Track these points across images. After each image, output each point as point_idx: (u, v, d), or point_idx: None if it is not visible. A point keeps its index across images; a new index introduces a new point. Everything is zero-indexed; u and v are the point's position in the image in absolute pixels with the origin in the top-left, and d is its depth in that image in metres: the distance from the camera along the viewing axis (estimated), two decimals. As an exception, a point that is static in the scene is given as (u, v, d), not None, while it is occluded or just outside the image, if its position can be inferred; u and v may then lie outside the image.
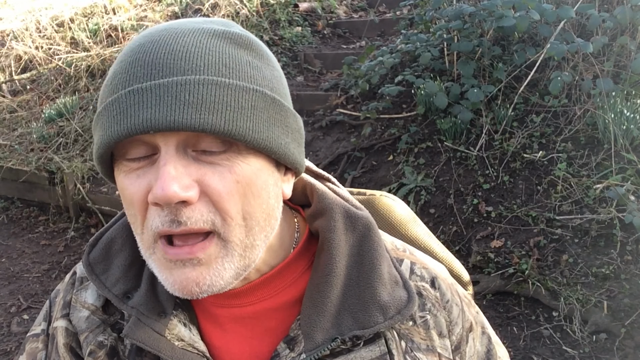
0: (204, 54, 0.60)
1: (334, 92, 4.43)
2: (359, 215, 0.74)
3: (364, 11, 6.11)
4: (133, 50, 0.62)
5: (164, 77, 0.58)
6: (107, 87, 0.64)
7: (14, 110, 5.74)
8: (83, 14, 6.27)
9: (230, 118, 0.58)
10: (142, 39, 0.63)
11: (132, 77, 0.59)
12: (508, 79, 3.59)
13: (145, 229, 0.61)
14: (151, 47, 0.61)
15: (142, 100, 0.57)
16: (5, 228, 4.63)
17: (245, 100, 0.60)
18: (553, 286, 2.81)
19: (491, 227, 3.14)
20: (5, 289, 3.78)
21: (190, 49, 0.60)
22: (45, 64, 5.95)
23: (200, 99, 0.57)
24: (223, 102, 0.58)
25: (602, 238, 2.86)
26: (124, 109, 0.58)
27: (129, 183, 0.61)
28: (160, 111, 0.56)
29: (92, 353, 0.70)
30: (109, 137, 0.59)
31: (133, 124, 0.57)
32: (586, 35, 3.52)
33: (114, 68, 0.64)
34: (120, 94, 0.59)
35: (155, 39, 0.61)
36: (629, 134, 3.10)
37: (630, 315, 2.57)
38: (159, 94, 0.57)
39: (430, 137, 3.68)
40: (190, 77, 0.58)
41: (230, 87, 0.59)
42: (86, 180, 4.52)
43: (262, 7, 5.73)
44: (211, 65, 0.59)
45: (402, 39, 4.28)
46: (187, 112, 0.57)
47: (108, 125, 0.60)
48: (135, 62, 0.60)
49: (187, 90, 0.57)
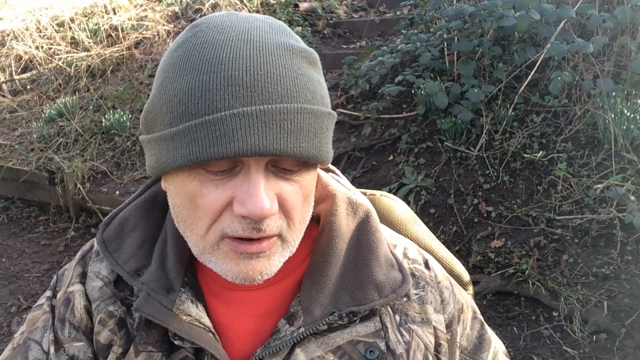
0: (294, 78, 0.64)
1: (334, 92, 4.43)
2: (360, 202, 0.79)
3: (364, 11, 6.11)
4: (221, 61, 0.62)
5: (265, 103, 0.61)
6: (196, 99, 0.62)
7: (14, 110, 5.74)
8: (83, 14, 6.27)
9: (318, 144, 0.64)
10: (226, 49, 0.63)
11: (233, 98, 0.61)
12: (508, 79, 3.59)
13: (213, 231, 0.66)
14: (242, 63, 0.62)
15: (248, 125, 0.60)
16: (6, 228, 4.63)
17: (325, 125, 0.66)
18: (553, 286, 2.81)
19: (491, 227, 3.14)
20: (5, 289, 3.78)
21: (281, 72, 0.63)
22: (45, 64, 5.95)
23: (299, 127, 0.62)
24: (313, 129, 0.64)
25: (603, 238, 2.86)
26: (229, 132, 0.60)
27: (207, 192, 0.64)
28: (267, 139, 0.60)
29: (102, 321, 0.73)
30: (209, 155, 0.61)
31: (240, 147, 0.60)
32: (586, 35, 3.52)
33: (200, 78, 0.62)
34: (224, 115, 0.60)
35: (242, 53, 0.62)
36: (629, 134, 3.10)
37: (631, 316, 2.57)
38: (264, 121, 0.61)
39: (430, 137, 3.68)
40: (289, 106, 0.62)
41: (317, 114, 0.65)
42: (86, 180, 4.52)
43: (262, 7, 5.73)
44: (301, 92, 0.64)
45: (402, 39, 4.28)
46: (289, 140, 0.62)
47: (208, 143, 0.61)
48: (232, 80, 0.61)
49: (288, 119, 0.62)
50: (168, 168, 0.65)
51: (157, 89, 0.67)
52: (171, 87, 0.64)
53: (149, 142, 0.69)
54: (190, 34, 0.67)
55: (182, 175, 0.66)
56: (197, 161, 0.62)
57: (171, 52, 0.67)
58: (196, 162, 0.62)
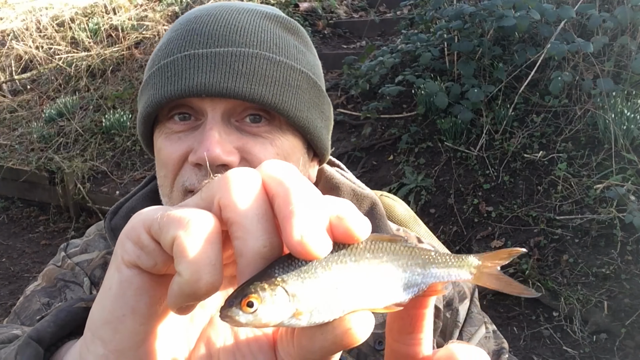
0: (257, 32, 0.64)
1: (335, 92, 4.43)
2: (366, 194, 0.79)
3: (364, 11, 6.11)
4: (190, 20, 0.66)
5: (219, 47, 0.62)
6: (160, 51, 0.67)
7: (14, 110, 5.74)
8: (83, 14, 6.27)
9: (278, 92, 0.62)
10: (197, 12, 0.67)
11: (189, 43, 0.63)
12: (508, 79, 3.59)
13: (175, 187, 0.65)
14: (208, 19, 0.64)
15: (197, 65, 0.61)
16: (6, 228, 4.63)
17: (292, 79, 0.64)
18: (553, 286, 2.81)
19: (491, 227, 3.14)
20: (5, 288, 3.78)
21: (245, 25, 0.64)
22: (45, 64, 5.95)
23: (252, 70, 0.61)
24: (272, 76, 0.62)
25: (603, 238, 2.86)
26: (179, 71, 0.61)
27: (169, 144, 0.65)
28: (214, 77, 0.60)
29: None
30: (161, 96, 0.62)
31: (188, 85, 0.61)
32: (586, 35, 3.52)
33: (169, 35, 0.68)
34: (176, 57, 0.63)
35: (211, 13, 0.65)
36: (630, 134, 3.10)
37: (631, 316, 2.57)
38: (214, 62, 0.61)
39: (430, 137, 3.68)
40: (244, 50, 0.62)
41: (280, 64, 0.63)
42: (86, 180, 4.52)
43: (263, 7, 5.73)
44: (263, 42, 0.64)
45: (402, 39, 4.28)
46: (240, 81, 0.61)
47: (161, 85, 0.63)
48: (192, 31, 0.64)
49: (241, 61, 0.61)
50: (139, 122, 0.67)
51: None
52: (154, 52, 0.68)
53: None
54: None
55: (156, 133, 0.68)
56: (153, 105, 0.63)
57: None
58: (153, 106, 0.63)
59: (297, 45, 0.67)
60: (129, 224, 0.32)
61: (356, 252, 0.33)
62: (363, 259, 0.33)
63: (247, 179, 0.32)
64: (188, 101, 0.63)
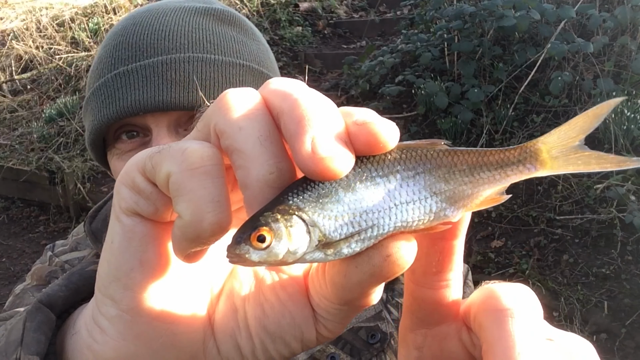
0: (187, 32, 0.59)
1: (335, 92, 4.43)
2: None
3: (364, 11, 6.11)
4: (116, 33, 0.63)
5: (148, 58, 0.58)
6: (93, 72, 0.64)
7: (14, 110, 5.74)
8: (83, 14, 6.27)
9: (219, 93, 0.59)
10: (124, 21, 0.64)
11: (117, 60, 0.59)
12: (508, 79, 3.59)
13: None
14: (133, 28, 0.61)
15: (128, 82, 0.57)
16: (6, 228, 4.63)
17: (232, 76, 0.60)
18: (553, 286, 2.81)
19: (491, 227, 3.14)
20: (5, 288, 3.78)
21: (172, 27, 0.59)
22: (45, 64, 5.95)
23: (187, 76, 0.57)
24: (211, 78, 0.58)
25: (603, 238, 2.86)
26: (111, 93, 0.58)
27: (118, 165, 0.63)
28: (147, 92, 0.56)
29: None
30: (99, 122, 0.59)
31: (122, 106, 0.57)
32: (587, 35, 3.52)
33: (99, 53, 0.64)
34: (106, 78, 0.59)
35: (137, 21, 0.62)
36: (630, 134, 3.10)
37: (631, 316, 2.57)
38: (145, 75, 0.57)
39: (430, 137, 3.68)
40: (174, 56, 0.57)
41: (217, 63, 0.59)
42: (86, 180, 4.52)
43: (263, 7, 5.73)
44: (195, 43, 0.59)
45: (402, 39, 4.28)
46: (175, 90, 0.56)
47: (97, 110, 0.60)
48: (119, 45, 0.60)
49: (173, 69, 0.57)
50: (89, 149, 0.66)
51: None
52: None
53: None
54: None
55: (109, 156, 0.66)
56: (95, 132, 0.61)
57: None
58: (95, 133, 0.61)
59: (235, 37, 0.63)
60: (124, 169, 0.29)
61: (384, 165, 0.27)
62: (393, 173, 0.27)
63: (244, 98, 0.28)
64: (129, 120, 0.60)
